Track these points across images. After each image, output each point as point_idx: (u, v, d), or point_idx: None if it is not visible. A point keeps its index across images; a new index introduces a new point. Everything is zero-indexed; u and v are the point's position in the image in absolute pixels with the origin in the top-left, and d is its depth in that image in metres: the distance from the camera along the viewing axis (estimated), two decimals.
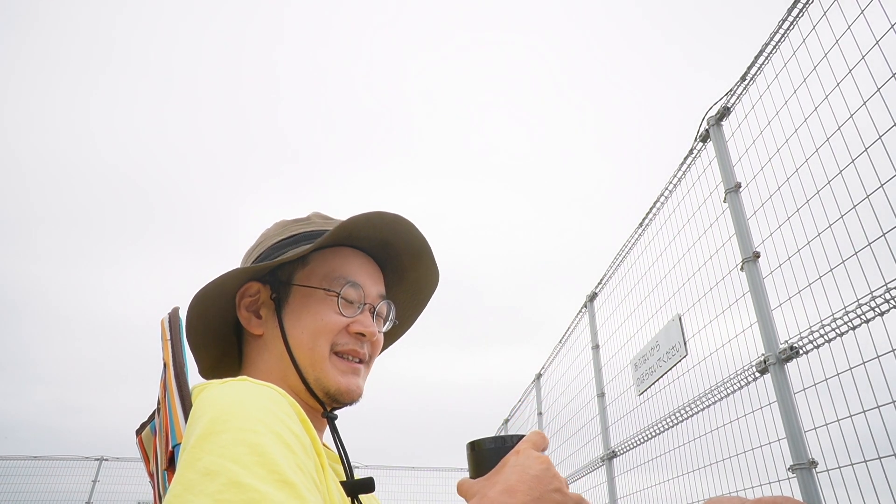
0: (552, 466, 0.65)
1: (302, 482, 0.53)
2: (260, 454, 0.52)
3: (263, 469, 0.51)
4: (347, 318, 0.82)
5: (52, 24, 17.73)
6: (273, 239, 0.88)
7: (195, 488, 0.49)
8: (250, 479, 0.49)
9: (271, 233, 0.90)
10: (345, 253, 0.86)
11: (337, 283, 0.82)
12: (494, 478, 0.63)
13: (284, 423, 0.59)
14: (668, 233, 3.02)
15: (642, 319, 3.27)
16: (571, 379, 4.61)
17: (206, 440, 0.53)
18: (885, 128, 1.66)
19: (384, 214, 0.83)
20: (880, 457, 1.63)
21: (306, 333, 0.79)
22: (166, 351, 0.75)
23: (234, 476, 0.49)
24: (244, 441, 0.53)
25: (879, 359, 1.64)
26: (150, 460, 0.76)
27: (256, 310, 0.84)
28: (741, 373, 2.27)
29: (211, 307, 0.83)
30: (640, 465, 3.24)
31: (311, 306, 0.81)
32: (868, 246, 1.69)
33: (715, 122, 2.60)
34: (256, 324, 0.83)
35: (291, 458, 0.54)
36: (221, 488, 0.48)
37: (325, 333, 0.80)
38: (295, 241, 0.86)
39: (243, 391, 0.61)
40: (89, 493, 8.00)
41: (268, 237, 0.90)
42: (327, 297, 0.82)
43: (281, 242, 0.87)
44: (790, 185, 2.06)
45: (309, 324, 0.80)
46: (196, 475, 0.50)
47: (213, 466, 0.50)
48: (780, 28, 2.15)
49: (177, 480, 0.51)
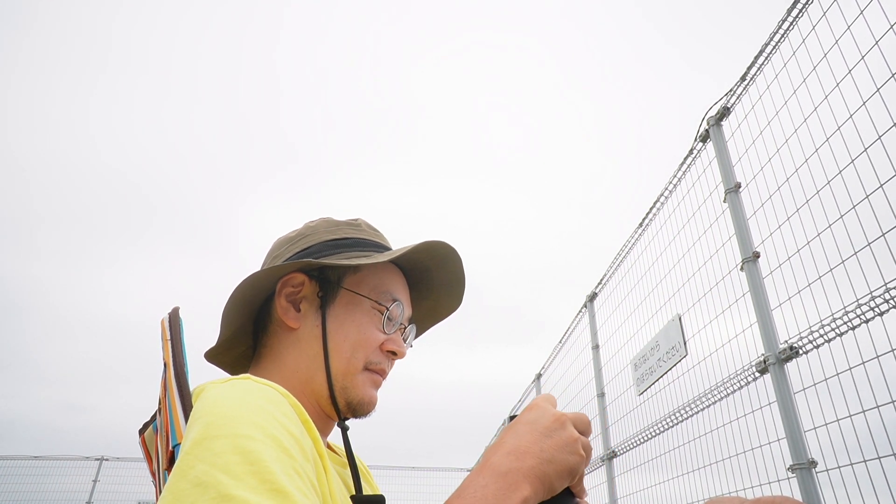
0: (569, 424, 0.62)
1: (298, 488, 0.52)
2: (252, 462, 0.51)
3: (255, 479, 0.50)
4: (385, 336, 0.82)
5: (53, 24, 17.73)
6: (324, 235, 0.87)
7: (185, 499, 0.49)
8: (240, 492, 0.49)
9: (320, 228, 0.88)
10: (393, 270, 0.87)
11: (385, 298, 0.82)
12: (504, 437, 0.61)
13: (283, 425, 0.58)
14: (668, 233, 3.03)
15: (642, 319, 3.27)
16: (571, 379, 4.61)
17: (200, 446, 0.53)
18: (885, 128, 1.66)
19: (446, 245, 0.85)
20: (880, 457, 1.63)
21: (348, 342, 0.79)
22: (166, 351, 0.75)
23: (224, 489, 0.49)
24: (237, 448, 0.52)
25: (879, 359, 1.64)
26: (152, 460, 0.77)
27: (296, 302, 0.82)
28: (741, 373, 2.27)
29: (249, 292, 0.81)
30: (640, 465, 3.24)
31: (356, 316, 0.81)
32: (868, 246, 1.69)
33: (715, 122, 2.60)
34: (294, 316, 0.81)
35: (288, 463, 0.54)
36: (210, 502, 0.48)
37: (364, 347, 0.80)
38: (347, 244, 0.85)
39: (243, 392, 0.60)
40: (90, 493, 8.01)
41: (316, 232, 0.88)
42: (373, 309, 0.82)
43: (333, 242, 0.85)
44: (790, 185, 2.06)
45: (352, 333, 0.80)
46: (187, 485, 0.50)
47: (204, 477, 0.50)
48: (779, 28, 2.15)
49: (168, 488, 0.51)
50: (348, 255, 0.83)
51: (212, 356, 0.88)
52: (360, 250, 0.85)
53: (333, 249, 0.85)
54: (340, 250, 0.84)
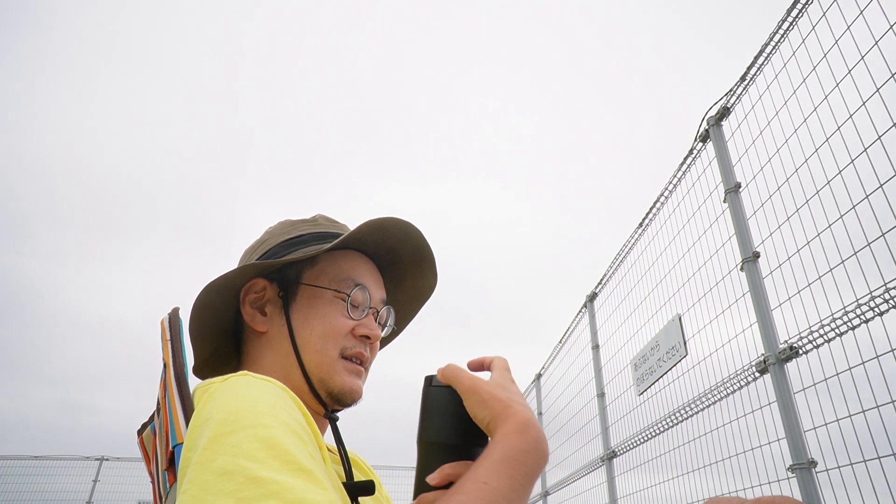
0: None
1: (317, 468, 0.53)
2: (272, 447, 0.52)
3: (278, 461, 0.51)
4: (354, 321, 0.82)
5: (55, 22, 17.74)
6: (279, 237, 0.88)
7: (213, 489, 0.49)
8: (267, 473, 0.50)
9: (276, 231, 0.90)
10: (353, 256, 0.87)
11: (346, 285, 0.83)
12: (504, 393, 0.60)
13: (291, 414, 0.59)
14: (668, 233, 3.02)
15: (642, 319, 3.27)
16: (571, 379, 4.61)
17: (218, 441, 0.53)
18: (885, 128, 1.66)
19: (397, 220, 0.84)
20: (880, 456, 1.63)
21: (315, 335, 0.80)
22: (166, 351, 0.75)
23: (251, 472, 0.50)
24: (256, 437, 0.53)
25: (879, 359, 1.64)
26: (150, 460, 0.77)
27: (261, 307, 0.84)
28: (741, 373, 2.27)
29: (216, 301, 0.82)
30: (640, 465, 3.24)
31: (320, 307, 0.81)
32: (867, 246, 1.69)
33: (715, 122, 2.60)
34: (261, 321, 0.83)
35: (303, 448, 0.55)
36: (240, 486, 0.49)
37: (333, 336, 0.80)
38: (303, 240, 0.86)
39: (248, 387, 0.61)
40: (90, 493, 8.00)
41: (273, 235, 0.90)
42: (335, 298, 0.82)
43: (288, 241, 0.87)
44: (790, 186, 2.06)
45: (317, 325, 0.80)
46: (212, 476, 0.50)
47: (228, 466, 0.51)
48: (779, 28, 2.15)
49: (192, 482, 0.51)
50: (304, 251, 0.84)
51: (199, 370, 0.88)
52: (318, 244, 0.85)
53: (289, 248, 0.86)
54: (296, 248, 0.85)
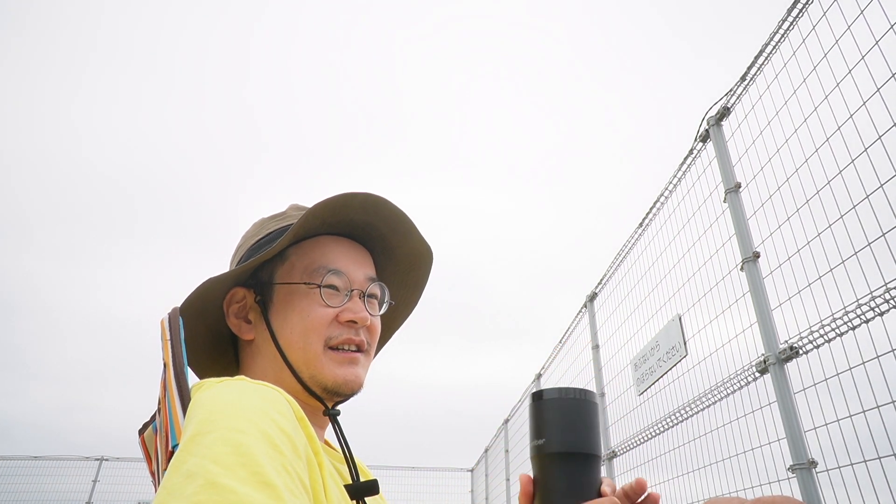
0: None
1: (285, 484, 0.52)
2: (242, 454, 0.51)
3: (245, 470, 0.50)
4: (335, 308, 0.79)
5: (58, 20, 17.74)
6: (251, 240, 0.86)
7: (176, 491, 0.49)
8: (228, 480, 0.49)
9: (249, 234, 0.88)
10: (324, 242, 0.84)
11: (317, 274, 0.80)
12: None
13: (276, 422, 0.58)
14: (668, 233, 3.02)
15: (642, 319, 3.27)
16: (571, 379, 4.61)
17: (193, 442, 0.53)
18: (885, 128, 1.66)
19: (355, 195, 0.79)
20: (880, 457, 1.63)
21: (296, 332, 0.78)
22: (166, 351, 0.75)
23: (213, 477, 0.49)
24: (228, 441, 0.53)
25: (879, 359, 1.64)
26: (151, 460, 0.76)
27: (245, 315, 0.83)
28: (741, 373, 2.27)
29: (199, 319, 0.81)
30: (640, 465, 3.24)
31: (296, 303, 0.79)
32: (868, 246, 1.69)
33: (715, 122, 2.60)
34: (247, 329, 0.82)
35: (277, 459, 0.54)
36: (198, 490, 0.48)
37: (314, 329, 0.78)
38: (271, 238, 0.84)
39: (237, 391, 0.61)
40: (89, 493, 8.00)
41: (246, 239, 0.88)
42: (310, 290, 0.79)
43: (259, 242, 0.85)
44: (790, 186, 2.06)
45: (296, 322, 0.78)
46: (179, 478, 0.50)
47: (194, 468, 0.50)
48: (779, 28, 2.15)
49: (163, 484, 0.51)
50: (265, 251, 0.81)
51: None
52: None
53: (259, 250, 0.84)
54: (264, 248, 0.83)
